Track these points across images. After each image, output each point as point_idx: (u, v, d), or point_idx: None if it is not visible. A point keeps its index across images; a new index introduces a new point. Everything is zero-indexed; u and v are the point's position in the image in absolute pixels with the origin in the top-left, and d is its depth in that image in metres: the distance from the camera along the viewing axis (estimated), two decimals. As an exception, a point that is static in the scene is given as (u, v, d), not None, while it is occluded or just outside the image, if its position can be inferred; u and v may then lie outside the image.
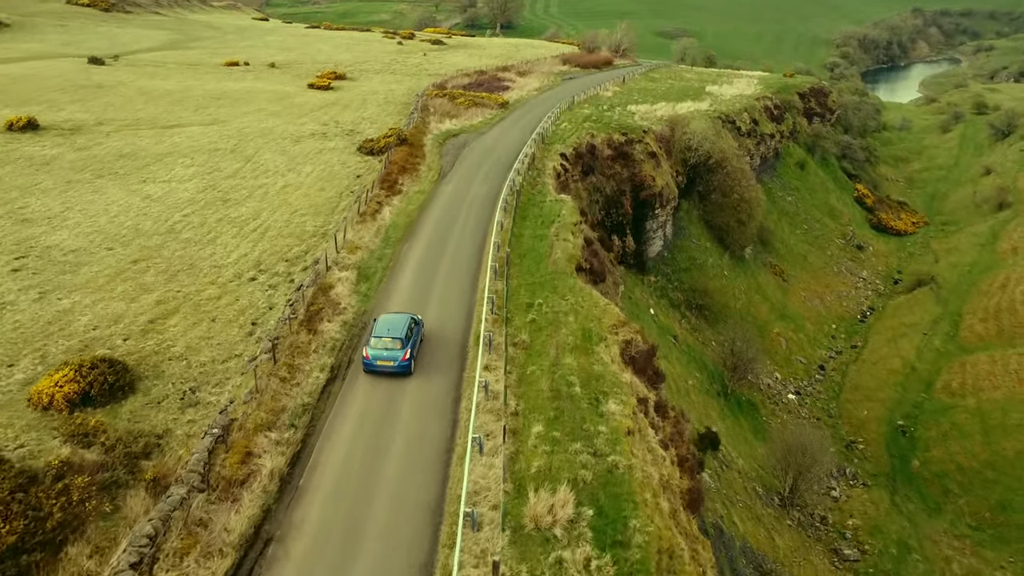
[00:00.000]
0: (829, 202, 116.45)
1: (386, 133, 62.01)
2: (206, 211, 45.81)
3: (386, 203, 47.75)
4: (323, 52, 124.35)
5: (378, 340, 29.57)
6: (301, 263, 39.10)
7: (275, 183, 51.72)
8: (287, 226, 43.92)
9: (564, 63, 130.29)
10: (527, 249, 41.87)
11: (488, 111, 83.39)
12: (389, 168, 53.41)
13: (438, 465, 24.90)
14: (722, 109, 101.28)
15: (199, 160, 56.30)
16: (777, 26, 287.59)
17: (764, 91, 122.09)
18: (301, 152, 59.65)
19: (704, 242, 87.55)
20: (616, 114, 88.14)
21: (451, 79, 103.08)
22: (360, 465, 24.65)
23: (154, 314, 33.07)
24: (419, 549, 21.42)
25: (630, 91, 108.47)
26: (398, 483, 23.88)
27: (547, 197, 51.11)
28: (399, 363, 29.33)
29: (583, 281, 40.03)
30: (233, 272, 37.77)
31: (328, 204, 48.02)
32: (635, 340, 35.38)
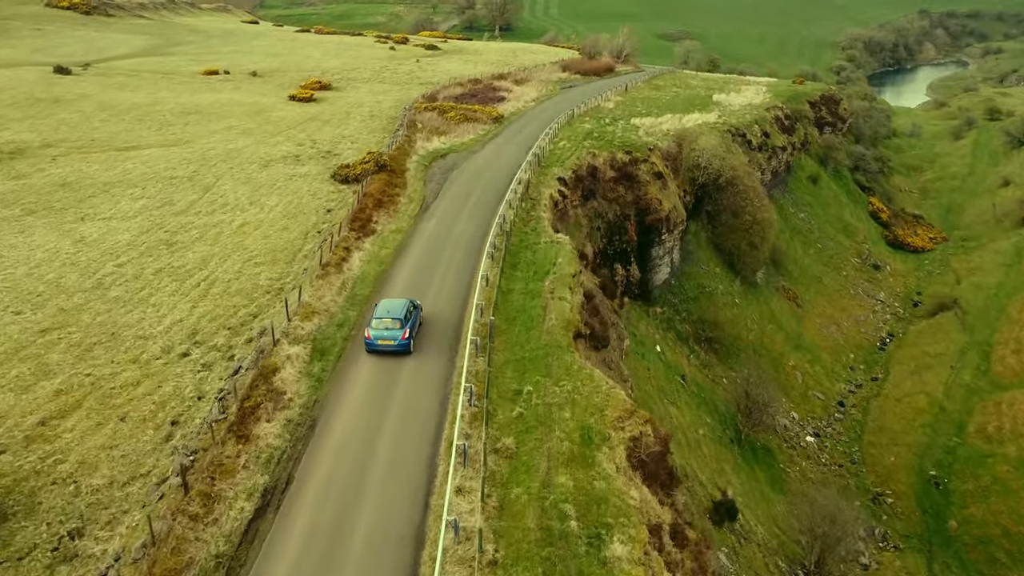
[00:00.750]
0: (843, 218, 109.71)
1: (363, 158, 55.30)
2: (145, 259, 39.13)
3: (356, 248, 41.04)
4: (311, 59, 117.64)
5: (379, 321, 30.80)
6: (246, 332, 32.43)
7: (232, 220, 45.05)
8: (237, 279, 37.26)
9: (564, 70, 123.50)
10: (517, 310, 35.19)
11: (481, 126, 76.62)
12: (362, 203, 46.71)
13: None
14: (731, 121, 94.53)
15: (150, 191, 49.64)
16: (781, 28, 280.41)
17: (774, 100, 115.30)
18: (268, 180, 52.97)
19: (713, 267, 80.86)
20: (619, 129, 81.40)
21: (443, 89, 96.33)
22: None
23: (49, 411, 26.45)
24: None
25: (633, 101, 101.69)
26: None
27: (542, 237, 44.39)
28: (399, 342, 30.53)
29: (583, 352, 33.37)
30: (161, 345, 31.12)
31: (289, 248, 41.35)
32: (644, 436, 28.67)
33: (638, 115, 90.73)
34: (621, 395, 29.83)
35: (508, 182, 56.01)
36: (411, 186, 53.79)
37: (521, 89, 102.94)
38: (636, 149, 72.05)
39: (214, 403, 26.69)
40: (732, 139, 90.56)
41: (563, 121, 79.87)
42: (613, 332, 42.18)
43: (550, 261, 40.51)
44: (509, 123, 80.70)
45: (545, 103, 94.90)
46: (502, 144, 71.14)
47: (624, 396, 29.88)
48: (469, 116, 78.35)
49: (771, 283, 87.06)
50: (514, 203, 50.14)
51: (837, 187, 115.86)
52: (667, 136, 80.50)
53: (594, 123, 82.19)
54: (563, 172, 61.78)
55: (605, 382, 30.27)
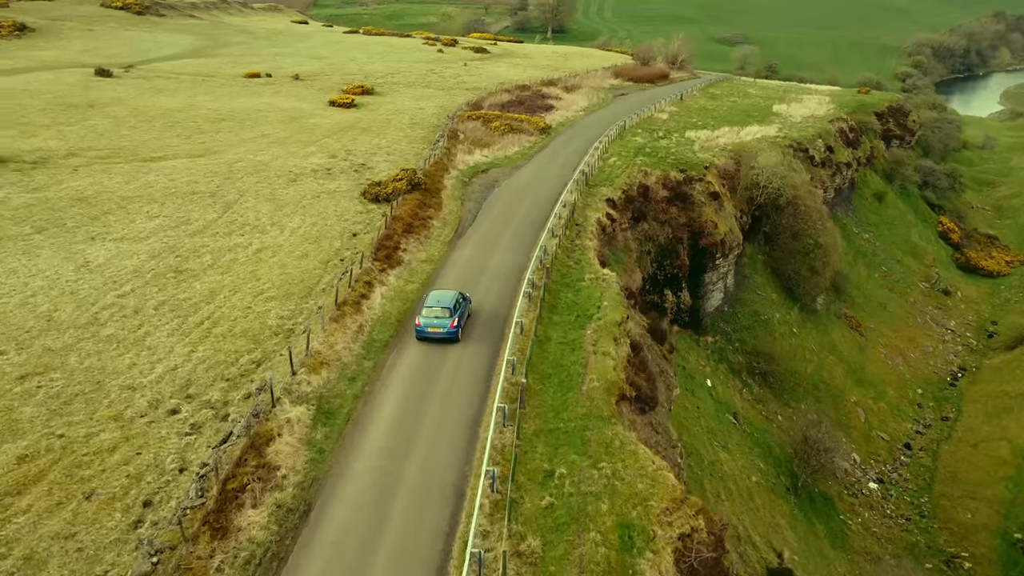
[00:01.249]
0: (910, 239, 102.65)
1: (396, 175, 51.36)
2: (149, 289, 35.69)
3: (378, 282, 37.06)
4: (355, 61, 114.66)
5: (429, 310, 32.12)
6: (245, 384, 28.63)
7: (249, 244, 41.49)
8: (244, 317, 33.55)
9: (615, 76, 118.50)
10: (553, 366, 30.78)
11: (526, 138, 72.29)
12: (390, 228, 42.74)
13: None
14: (793, 135, 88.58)
15: (169, 207, 46.42)
16: (843, 33, 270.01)
17: (838, 111, 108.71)
18: (294, 197, 49.41)
19: (770, 293, 75.26)
20: (673, 142, 76.33)
21: (489, 96, 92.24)
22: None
23: (5, 484, 22.93)
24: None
25: (688, 111, 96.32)
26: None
27: (586, 273, 39.85)
28: (447, 330, 31.74)
29: (627, 418, 28.82)
30: (149, 399, 27.48)
31: (306, 279, 37.57)
32: (697, 532, 24.05)
33: (693, 127, 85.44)
34: (670, 479, 25.20)
35: (552, 205, 51.57)
36: (447, 207, 49.69)
37: (571, 97, 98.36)
38: (691, 167, 66.95)
39: (192, 482, 22.84)
40: (793, 155, 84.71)
41: (614, 134, 75.08)
42: (661, 383, 37.49)
43: (594, 304, 35.99)
44: (556, 135, 76.18)
45: (595, 113, 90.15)
46: (548, 159, 66.70)
47: (673, 480, 25.23)
48: (514, 127, 74.05)
49: (832, 310, 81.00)
50: (557, 231, 45.67)
51: (904, 205, 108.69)
52: (724, 152, 75.17)
53: (646, 136, 77.22)
54: (612, 192, 57.10)
55: (651, 461, 25.68)
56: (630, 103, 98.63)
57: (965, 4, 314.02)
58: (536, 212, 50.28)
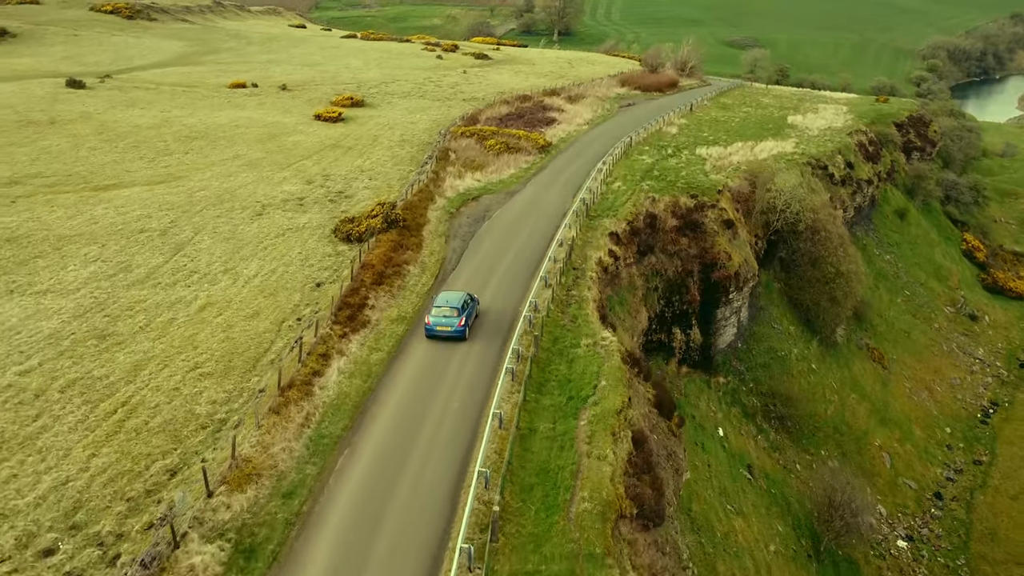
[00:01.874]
0: (934, 259, 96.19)
1: (371, 210, 45.35)
2: (61, 363, 29.84)
3: (337, 352, 31.12)
4: (349, 69, 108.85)
5: (438, 310, 32.77)
6: (149, 509, 22.67)
7: (194, 298, 35.64)
8: (168, 403, 27.67)
9: (622, 85, 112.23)
10: (538, 472, 24.76)
11: (524, 158, 66.26)
12: (359, 279, 36.82)
13: None
14: (811, 151, 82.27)
15: (110, 249, 40.61)
16: (855, 35, 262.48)
17: (856, 122, 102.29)
18: (256, 235, 43.54)
19: (787, 326, 69.02)
20: (683, 161, 70.18)
21: (487, 108, 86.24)
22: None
23: None
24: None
25: (699, 124, 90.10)
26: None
27: (582, 337, 33.77)
28: (455, 328, 32.23)
29: (625, 548, 22.88)
30: (19, 533, 21.52)
31: (254, 347, 31.69)
32: None
33: (704, 143, 79.26)
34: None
35: (547, 242, 45.55)
36: (428, 246, 43.70)
37: (574, 108, 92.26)
38: (703, 192, 60.81)
39: None
40: (812, 173, 78.46)
41: (619, 152, 68.93)
42: (669, 468, 31.47)
43: (590, 380, 29.97)
44: (557, 153, 70.08)
45: (600, 127, 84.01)
46: (547, 183, 60.64)
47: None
48: (511, 145, 67.97)
49: (852, 340, 74.72)
50: (552, 277, 39.67)
51: (927, 222, 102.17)
52: (738, 172, 68.96)
53: (654, 155, 71.05)
54: (616, 225, 51.02)
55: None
56: (637, 115, 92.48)
57: (982, 5, 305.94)
58: (529, 252, 44.27)
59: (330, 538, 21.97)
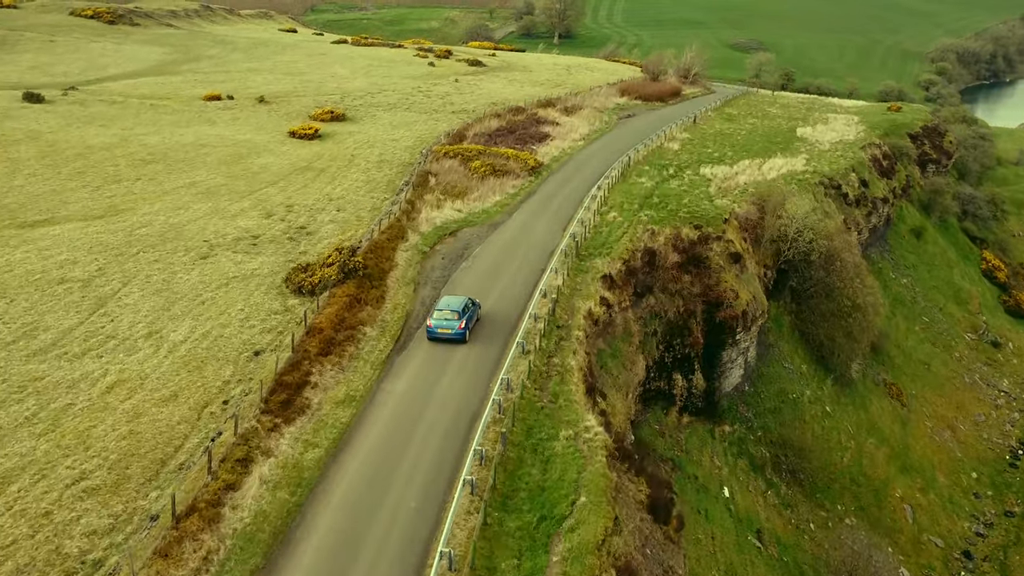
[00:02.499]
0: (953, 281, 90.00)
1: (327, 257, 39.47)
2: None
3: (263, 452, 25.21)
4: (335, 78, 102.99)
5: (440, 312, 33.98)
6: None
7: (104, 374, 29.77)
8: (31, 536, 21.62)
9: (622, 94, 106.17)
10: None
11: (511, 182, 60.32)
12: (302, 349, 30.90)
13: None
14: (823, 168, 76.20)
15: (18, 306, 34.77)
16: (862, 38, 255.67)
17: (869, 134, 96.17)
18: (195, 286, 37.69)
19: (798, 364, 62.98)
20: (686, 183, 64.22)
21: (476, 123, 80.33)
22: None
23: None
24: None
25: (703, 138, 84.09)
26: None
27: (560, 428, 27.83)
28: (455, 331, 33.30)
29: None
30: None
31: (162, 446, 25.81)
32: None
33: (709, 161, 73.32)
34: None
35: (530, 290, 39.65)
36: (392, 299, 37.77)
37: (570, 121, 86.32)
38: (707, 221, 54.84)
39: None
40: (824, 193, 72.47)
41: (615, 175, 62.97)
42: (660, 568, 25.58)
43: (567, 493, 24.01)
44: (549, 175, 64.13)
45: (596, 142, 78.04)
46: (535, 212, 54.70)
47: None
48: (498, 167, 62.00)
49: (869, 376, 68.62)
50: (532, 341, 33.80)
51: (944, 241, 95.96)
52: (745, 195, 62.99)
53: (655, 176, 65.07)
54: (609, 266, 45.11)
55: None
56: (637, 128, 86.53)
57: (991, 7, 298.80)
58: (507, 305, 38.33)
59: None
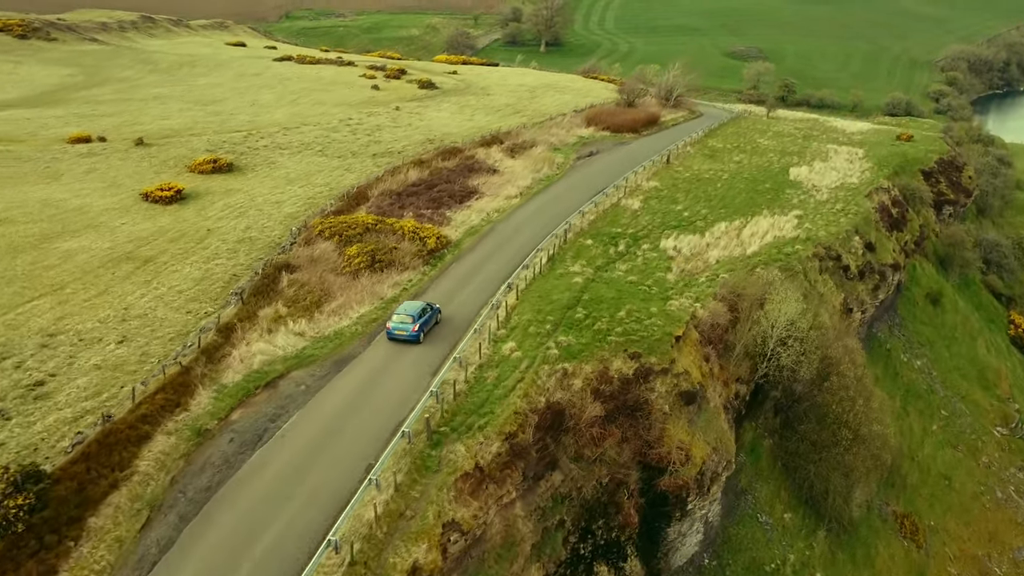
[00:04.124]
0: (977, 356, 73.57)
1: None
2: None
3: None
4: (255, 106, 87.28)
5: (397, 316, 37.93)
6: None
7: None
8: None
9: (588, 123, 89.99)
10: None
11: (393, 278, 44.30)
12: None
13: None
14: (819, 234, 59.95)
15: None
16: (868, 45, 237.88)
17: (876, 174, 79.98)
18: None
19: (780, 512, 46.89)
20: (636, 267, 48.29)
21: (391, 173, 64.32)
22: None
23: None
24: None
25: (674, 188, 68.06)
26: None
27: None
28: (409, 333, 37.41)
29: None
30: None
31: None
32: None
33: (675, 226, 57.48)
34: None
35: (328, 522, 24.10)
36: (90, 555, 22.11)
37: (512, 166, 70.39)
38: (651, 346, 38.85)
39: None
40: (820, 268, 56.49)
41: (541, 262, 47.10)
42: None
43: None
44: (451, 263, 47.93)
45: (535, 200, 61.92)
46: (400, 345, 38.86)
47: None
48: (382, 255, 45.90)
49: (875, 509, 52.58)
50: None
51: (965, 304, 79.49)
52: (714, 283, 47.07)
53: (597, 257, 49.11)
54: (480, 451, 29.31)
55: None
56: (594, 173, 70.50)
57: (1004, 12, 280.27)
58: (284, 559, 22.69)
59: None
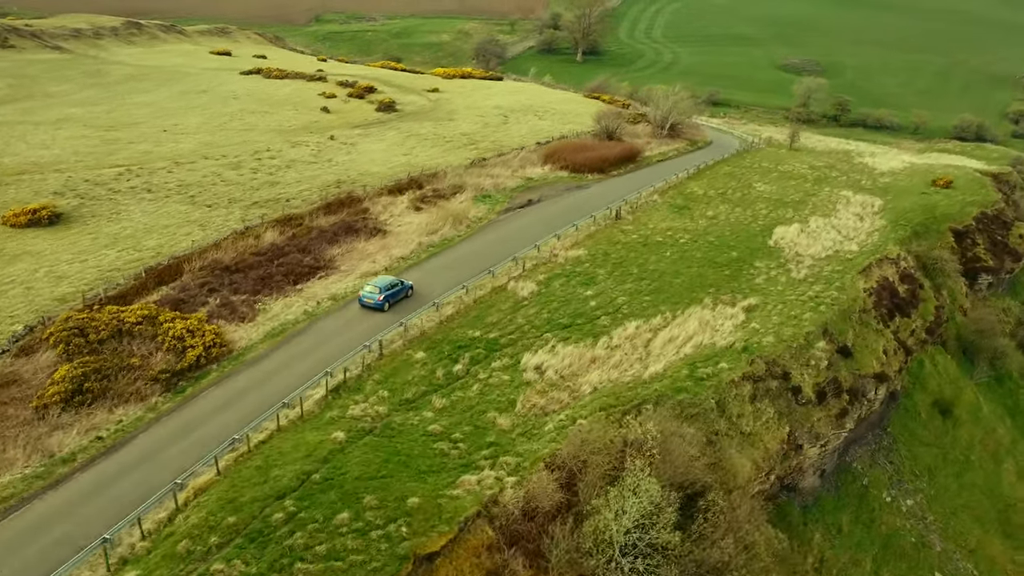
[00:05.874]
0: (999, 488, 55.99)
1: None
2: None
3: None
4: (165, 134, 76.32)
5: (367, 287, 44.49)
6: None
7: None
8: None
9: (546, 160, 75.67)
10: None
11: (100, 417, 31.50)
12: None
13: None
14: (764, 340, 45.07)
15: None
16: (941, 58, 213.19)
17: (887, 235, 63.83)
18: None
19: None
20: (468, 395, 36.75)
21: (244, 234, 52.09)
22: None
23: None
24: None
25: (602, 258, 53.48)
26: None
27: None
28: (376, 302, 43.88)
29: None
30: None
31: None
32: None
33: (563, 326, 43.23)
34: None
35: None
36: None
37: (409, 223, 57.24)
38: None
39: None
40: (752, 394, 41.14)
41: (324, 389, 33.77)
42: None
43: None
44: (210, 386, 34.95)
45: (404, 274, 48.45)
46: None
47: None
48: (96, 381, 33.29)
49: None
50: None
51: (992, 411, 61.85)
52: (564, 431, 32.68)
53: (409, 387, 36.34)
54: None
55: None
56: (511, 234, 56.77)
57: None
58: None
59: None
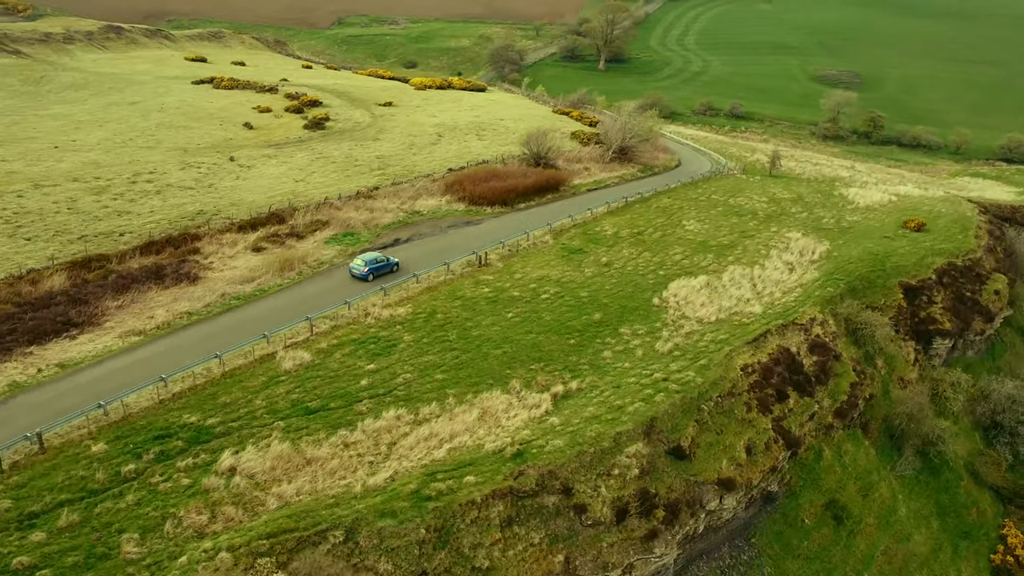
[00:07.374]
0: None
1: None
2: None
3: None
4: (54, 150, 72.09)
5: (356, 259, 51.05)
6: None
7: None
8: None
9: (445, 191, 68.15)
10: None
11: None
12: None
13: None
14: (553, 443, 37.28)
15: None
16: (996, 70, 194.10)
17: (815, 289, 53.93)
18: None
19: None
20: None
21: (34, 273, 46.31)
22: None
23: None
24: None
25: (424, 319, 46.78)
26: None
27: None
28: (361, 273, 50.17)
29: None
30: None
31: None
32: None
33: (310, 412, 35.91)
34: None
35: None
36: None
37: (228, 271, 50.52)
38: None
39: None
40: (513, 515, 32.60)
41: None
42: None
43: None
44: None
45: (166, 340, 41.27)
46: None
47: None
48: None
49: None
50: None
51: (914, 508, 50.60)
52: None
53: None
54: None
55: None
56: (332, 287, 49.54)
57: None
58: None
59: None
